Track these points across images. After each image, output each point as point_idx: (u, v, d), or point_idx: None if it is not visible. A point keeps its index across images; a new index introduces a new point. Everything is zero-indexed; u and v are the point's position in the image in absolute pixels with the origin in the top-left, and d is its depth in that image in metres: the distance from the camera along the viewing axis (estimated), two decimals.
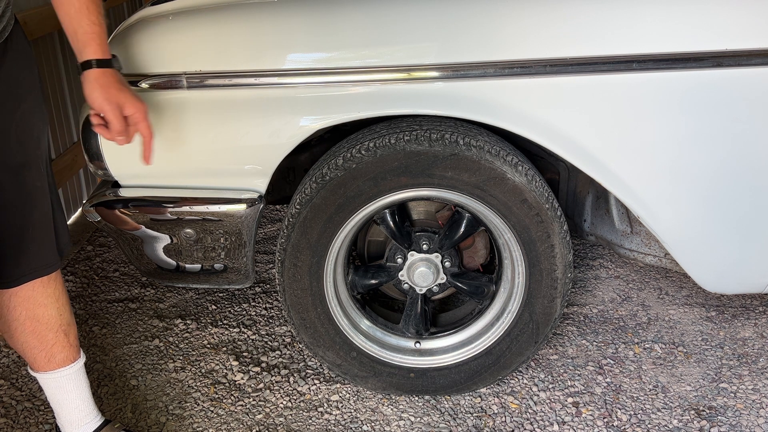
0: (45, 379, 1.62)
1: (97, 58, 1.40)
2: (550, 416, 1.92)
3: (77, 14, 1.37)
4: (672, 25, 1.55)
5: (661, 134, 1.62)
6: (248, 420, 1.91)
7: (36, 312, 1.53)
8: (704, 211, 1.71)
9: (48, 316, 1.54)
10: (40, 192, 1.45)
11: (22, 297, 1.51)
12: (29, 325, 1.53)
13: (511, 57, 1.57)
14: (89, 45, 1.39)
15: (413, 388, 1.95)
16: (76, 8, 1.37)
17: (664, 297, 2.47)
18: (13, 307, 1.51)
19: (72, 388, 1.63)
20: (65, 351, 1.59)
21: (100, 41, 1.40)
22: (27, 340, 1.55)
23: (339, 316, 1.87)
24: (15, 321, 1.53)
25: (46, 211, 1.48)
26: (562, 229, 1.73)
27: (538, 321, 1.84)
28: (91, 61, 1.40)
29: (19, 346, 1.57)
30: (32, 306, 1.52)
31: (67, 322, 1.59)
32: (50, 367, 1.59)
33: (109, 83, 1.41)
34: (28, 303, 1.51)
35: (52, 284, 1.54)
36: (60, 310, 1.56)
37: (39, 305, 1.53)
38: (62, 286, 1.57)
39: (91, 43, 1.39)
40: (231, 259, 1.81)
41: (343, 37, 1.61)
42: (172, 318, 2.38)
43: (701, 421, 1.89)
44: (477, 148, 1.64)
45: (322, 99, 1.63)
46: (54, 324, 1.56)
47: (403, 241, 1.87)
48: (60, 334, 1.57)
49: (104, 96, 1.40)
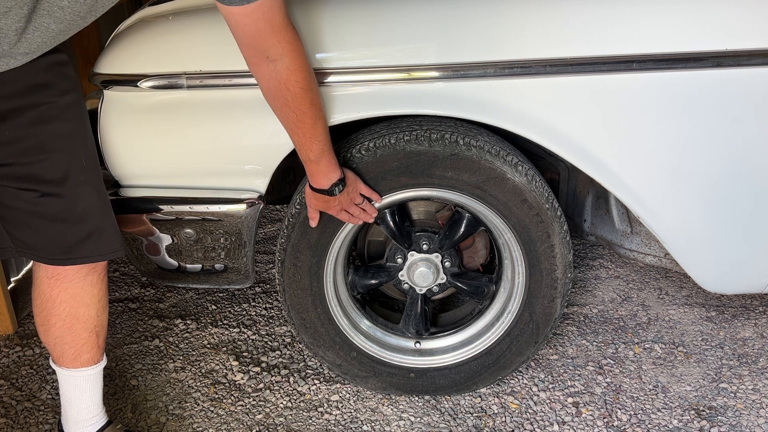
0: (66, 375, 1.63)
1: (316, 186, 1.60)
2: (550, 416, 1.92)
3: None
4: (672, 25, 1.55)
5: (661, 134, 1.62)
6: (248, 420, 1.91)
7: (78, 311, 1.56)
8: (704, 211, 1.71)
9: (87, 316, 1.57)
10: (91, 176, 1.49)
11: (70, 294, 1.53)
12: (69, 322, 1.56)
13: (511, 57, 1.57)
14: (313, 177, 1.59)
15: (413, 388, 1.95)
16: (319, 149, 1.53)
17: (664, 297, 2.47)
18: (59, 303, 1.54)
19: (88, 388, 1.65)
20: (92, 351, 1.62)
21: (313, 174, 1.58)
22: (62, 336, 1.57)
23: (339, 316, 1.87)
24: (56, 316, 1.55)
25: (105, 202, 1.52)
26: (562, 229, 1.73)
27: (538, 321, 1.84)
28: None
29: (52, 340, 1.59)
30: (77, 304, 1.55)
31: (102, 324, 1.62)
32: (75, 364, 1.61)
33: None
34: (74, 301, 1.54)
35: (99, 284, 1.57)
36: (99, 312, 1.60)
37: (83, 304, 1.56)
38: (107, 288, 1.61)
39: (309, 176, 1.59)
40: (231, 259, 1.81)
41: (343, 37, 1.61)
42: (172, 318, 2.38)
43: (701, 421, 1.89)
44: (477, 148, 1.64)
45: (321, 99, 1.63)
46: (91, 324, 1.59)
47: (403, 241, 1.87)
48: (92, 335, 1.60)
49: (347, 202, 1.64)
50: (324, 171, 1.55)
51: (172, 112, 1.65)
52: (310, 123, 1.47)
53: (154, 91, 1.64)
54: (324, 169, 1.55)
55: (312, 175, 1.57)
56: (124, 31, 1.73)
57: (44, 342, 1.61)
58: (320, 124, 1.50)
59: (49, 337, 1.59)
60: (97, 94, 1.72)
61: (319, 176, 1.56)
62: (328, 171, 1.55)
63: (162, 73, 1.63)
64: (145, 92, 1.64)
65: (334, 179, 1.57)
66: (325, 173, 1.55)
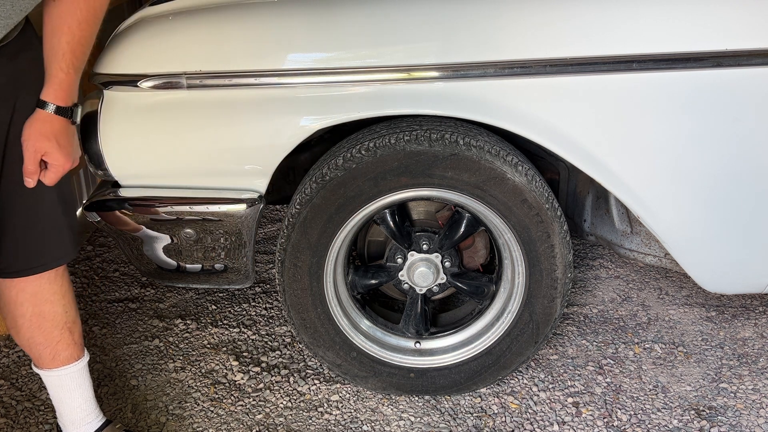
0: (48, 376, 1.62)
1: (51, 102, 1.35)
2: (550, 416, 1.92)
3: (52, 55, 1.33)
4: (672, 25, 1.55)
5: (661, 134, 1.62)
6: (248, 420, 1.91)
7: (43, 308, 1.54)
8: (704, 211, 1.71)
9: (54, 313, 1.55)
10: (46, 186, 1.44)
11: (30, 293, 1.51)
12: (36, 321, 1.54)
13: (511, 57, 1.57)
14: (49, 87, 1.35)
15: (413, 388, 1.95)
16: (54, 50, 1.33)
17: (664, 297, 2.47)
18: (21, 303, 1.52)
19: (74, 386, 1.64)
20: (69, 349, 1.60)
21: (60, 87, 1.35)
22: (33, 336, 1.56)
23: (339, 316, 1.87)
24: (21, 317, 1.53)
25: (57, 206, 1.48)
26: (562, 229, 1.73)
27: (538, 321, 1.84)
28: (46, 103, 1.35)
29: (25, 342, 1.58)
30: (39, 302, 1.53)
31: (72, 319, 1.60)
32: (54, 364, 1.60)
33: (45, 129, 1.36)
34: (35, 299, 1.52)
35: (59, 281, 1.55)
36: (66, 308, 1.57)
37: (46, 301, 1.53)
38: (69, 283, 1.58)
39: (51, 86, 1.35)
40: (231, 259, 1.81)
41: (343, 37, 1.61)
42: (172, 318, 2.38)
43: (701, 421, 1.89)
44: (477, 148, 1.64)
45: (322, 99, 1.63)
46: (60, 321, 1.57)
47: (403, 241, 1.87)
48: (65, 332, 1.58)
49: (35, 138, 1.36)
50: (75, 85, 1.38)
51: (172, 112, 1.65)
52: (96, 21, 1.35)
53: (154, 91, 1.64)
54: (75, 84, 1.38)
55: (64, 89, 1.35)
56: (124, 31, 1.73)
57: (19, 346, 1.59)
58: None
59: (21, 340, 1.57)
60: (97, 94, 1.71)
61: (73, 89, 1.38)
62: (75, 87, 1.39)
63: (162, 73, 1.63)
64: (145, 92, 1.64)
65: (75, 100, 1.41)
66: (75, 88, 1.39)
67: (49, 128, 1.36)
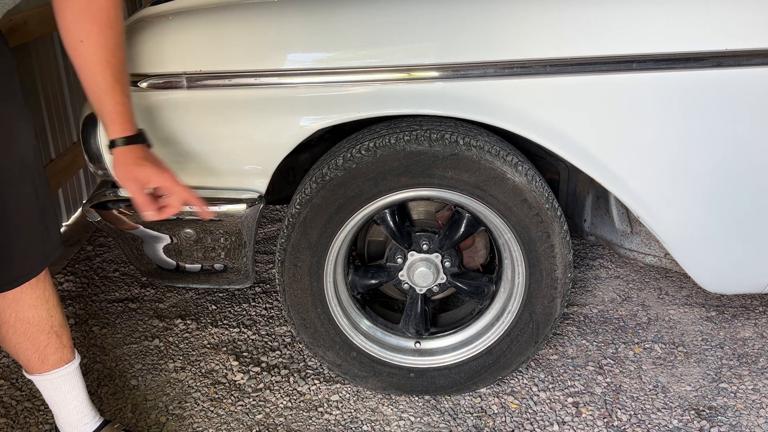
0: (40, 381, 1.61)
1: (120, 137, 1.39)
2: (550, 416, 1.92)
3: (102, 95, 1.35)
4: (672, 25, 1.55)
5: (661, 134, 1.62)
6: (248, 420, 1.92)
7: (26, 314, 1.52)
8: (704, 211, 1.71)
9: (38, 318, 1.53)
10: (25, 198, 1.42)
11: (10, 299, 1.49)
12: (20, 328, 1.52)
13: (511, 57, 1.57)
14: (111, 125, 1.38)
15: (413, 388, 1.95)
16: (102, 89, 1.34)
17: (664, 297, 2.47)
18: (2, 310, 1.50)
19: (68, 389, 1.63)
20: (58, 352, 1.59)
21: (122, 120, 1.38)
22: (19, 342, 1.54)
23: (339, 316, 1.87)
24: (5, 324, 1.52)
25: (32, 217, 1.45)
26: (562, 229, 1.73)
27: (538, 321, 1.84)
28: (115, 140, 1.39)
29: (12, 349, 1.56)
30: (22, 308, 1.51)
31: (58, 323, 1.58)
32: (44, 369, 1.59)
33: (128, 161, 1.39)
34: (17, 305, 1.50)
35: (41, 285, 1.52)
36: (50, 312, 1.55)
37: (29, 307, 1.51)
38: (52, 287, 1.56)
39: (113, 123, 1.38)
40: (231, 259, 1.81)
41: (343, 37, 1.61)
42: (172, 318, 2.38)
43: (701, 421, 1.89)
44: (477, 148, 1.64)
45: (322, 99, 1.63)
46: (45, 325, 1.55)
47: (403, 241, 1.87)
48: (52, 336, 1.57)
49: (124, 175, 1.40)
50: (131, 112, 1.40)
51: (172, 112, 1.65)
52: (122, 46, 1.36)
53: (154, 90, 1.64)
54: (131, 109, 1.40)
55: (124, 121, 1.38)
56: None
57: (8, 353, 1.57)
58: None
59: (9, 347, 1.56)
60: None
61: (131, 116, 1.40)
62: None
63: (162, 73, 1.63)
64: (145, 92, 1.64)
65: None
66: (132, 114, 1.41)
67: (132, 160, 1.39)
